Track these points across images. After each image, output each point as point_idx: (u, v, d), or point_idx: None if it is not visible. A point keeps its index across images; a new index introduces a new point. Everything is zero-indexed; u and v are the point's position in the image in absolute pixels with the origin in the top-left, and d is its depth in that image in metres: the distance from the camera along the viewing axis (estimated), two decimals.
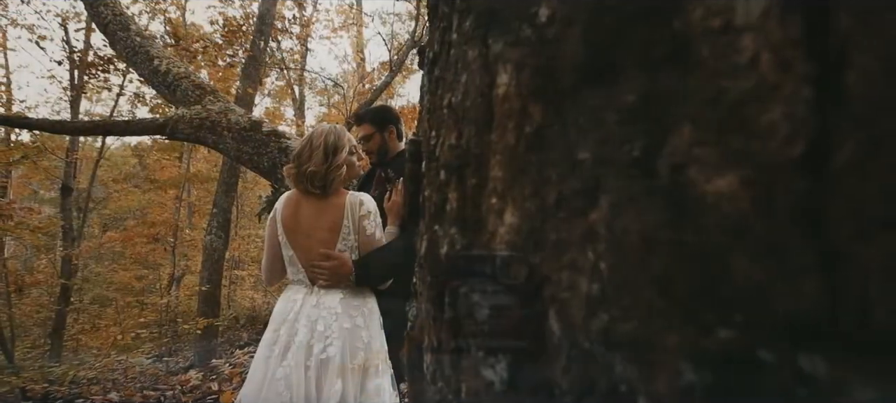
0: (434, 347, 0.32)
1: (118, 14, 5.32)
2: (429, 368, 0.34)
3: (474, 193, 0.28)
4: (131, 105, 11.06)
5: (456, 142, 0.32)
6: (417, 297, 0.44)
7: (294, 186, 1.72)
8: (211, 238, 6.26)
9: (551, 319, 0.22)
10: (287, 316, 1.74)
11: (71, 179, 9.06)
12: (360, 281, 1.74)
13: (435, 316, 0.33)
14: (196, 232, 10.91)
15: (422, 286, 0.38)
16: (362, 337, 1.73)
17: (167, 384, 3.10)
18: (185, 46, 7.79)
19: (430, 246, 0.34)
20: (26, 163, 7.22)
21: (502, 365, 0.24)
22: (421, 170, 0.45)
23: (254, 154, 3.93)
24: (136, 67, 5.04)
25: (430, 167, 0.39)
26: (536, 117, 0.23)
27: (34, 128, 5.16)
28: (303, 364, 1.65)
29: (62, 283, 7.73)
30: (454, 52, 0.33)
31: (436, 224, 0.34)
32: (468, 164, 0.29)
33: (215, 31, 8.81)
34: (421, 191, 0.45)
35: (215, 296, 6.16)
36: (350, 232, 1.76)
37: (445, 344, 0.30)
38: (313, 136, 1.72)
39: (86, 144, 12.79)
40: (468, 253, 0.28)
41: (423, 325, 0.36)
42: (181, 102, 4.43)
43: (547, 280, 0.22)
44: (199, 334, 5.32)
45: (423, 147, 0.42)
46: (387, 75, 6.74)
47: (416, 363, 0.42)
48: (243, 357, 3.51)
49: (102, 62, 7.36)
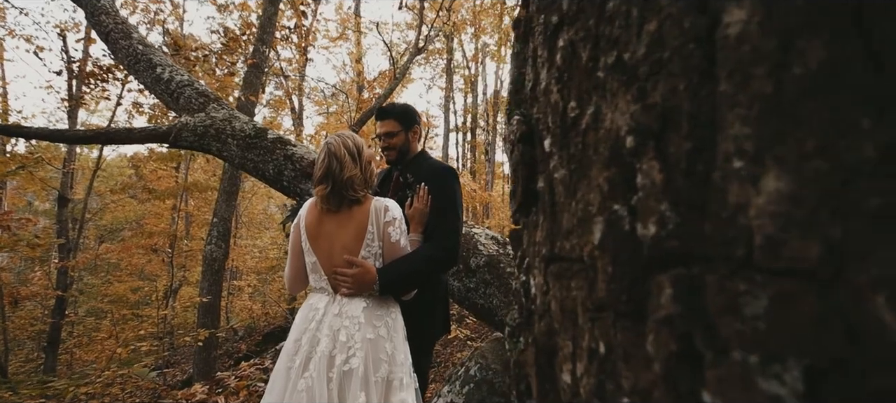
0: (624, 356, 0.27)
1: (120, 22, 5.28)
2: (605, 392, 0.28)
3: (690, 159, 0.23)
4: (129, 116, 11.00)
5: (645, 104, 0.27)
6: (529, 308, 0.39)
7: (327, 205, 1.66)
8: (211, 247, 6.16)
9: (878, 309, 0.17)
10: (308, 325, 1.69)
11: (67, 190, 8.93)
12: (383, 290, 1.69)
13: (628, 318, 0.27)
14: (194, 243, 10.77)
15: (582, 286, 0.32)
16: (386, 349, 1.67)
17: (172, 398, 3.00)
18: (184, 56, 7.75)
19: (610, 229, 0.29)
20: (23, 173, 7.11)
21: (794, 374, 0.18)
22: (535, 153, 0.40)
23: (259, 161, 3.88)
24: (137, 76, 4.98)
25: (572, 142, 0.34)
26: (814, 55, 0.18)
27: (34, 137, 5.07)
28: (325, 376, 1.59)
29: (58, 295, 7.57)
30: (615, 3, 0.28)
31: (615, 203, 0.29)
32: (674, 126, 0.24)
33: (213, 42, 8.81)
34: (538, 176, 0.39)
35: (215, 307, 6.05)
36: (374, 238, 1.71)
37: (661, 351, 0.24)
38: (332, 149, 1.67)
39: (82, 155, 12.68)
40: (693, 231, 0.23)
41: (578, 339, 0.30)
42: (185, 110, 4.38)
43: (857, 258, 0.17)
44: (200, 345, 5.20)
45: (547, 123, 0.37)
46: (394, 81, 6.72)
47: (531, 392, 0.36)
48: (249, 370, 3.43)
49: (101, 72, 7.30)
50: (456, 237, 1.91)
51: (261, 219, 15.47)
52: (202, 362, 5.65)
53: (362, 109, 9.49)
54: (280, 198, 16.13)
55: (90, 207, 10.55)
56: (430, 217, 1.88)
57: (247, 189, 12.45)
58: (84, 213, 9.30)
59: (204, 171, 12.74)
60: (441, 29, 9.47)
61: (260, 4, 9.10)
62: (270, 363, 3.84)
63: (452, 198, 1.93)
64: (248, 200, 13.35)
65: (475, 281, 3.00)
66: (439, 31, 9.26)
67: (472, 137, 16.51)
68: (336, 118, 13.55)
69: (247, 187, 12.36)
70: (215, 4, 9.85)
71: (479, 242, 3.10)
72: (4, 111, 9.94)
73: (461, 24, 12.35)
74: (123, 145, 8.47)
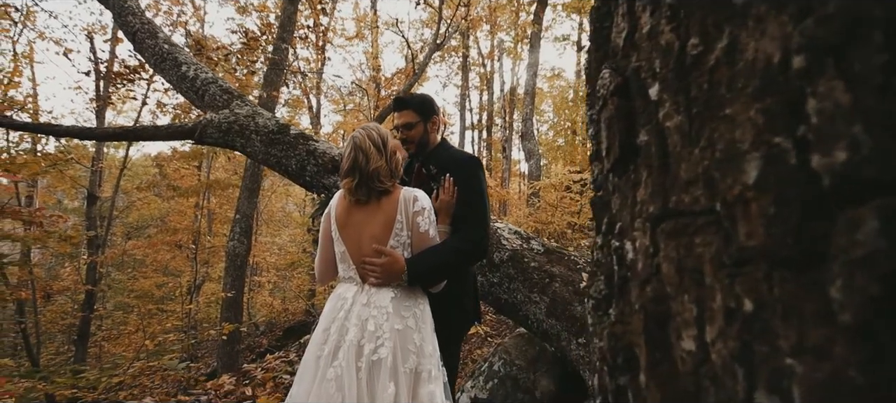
0: (783, 313, 0.23)
1: (146, 23, 5.39)
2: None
3: (886, 73, 0.19)
4: (153, 116, 11.27)
5: (819, 16, 0.23)
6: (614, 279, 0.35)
7: (355, 196, 1.65)
8: (234, 243, 6.25)
9: None
10: (337, 315, 1.68)
11: (96, 188, 9.19)
12: (412, 281, 1.66)
13: (790, 268, 0.23)
14: (216, 239, 10.98)
15: (711, 241, 0.28)
16: (414, 340, 1.65)
17: (202, 389, 3.06)
18: (206, 56, 7.89)
19: (771, 166, 0.25)
20: (53, 171, 7.33)
21: None
22: (634, 106, 0.37)
23: (282, 156, 3.90)
24: (164, 74, 5.07)
25: (694, 83, 0.30)
26: None
27: (65, 135, 5.22)
28: (354, 365, 1.58)
29: (87, 289, 7.80)
30: None
31: (776, 135, 0.26)
32: (861, 38, 0.21)
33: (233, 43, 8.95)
34: (638, 129, 0.36)
35: (238, 302, 6.14)
36: (403, 228, 1.69)
37: (855, 298, 0.20)
38: (357, 142, 1.67)
39: (108, 154, 13.04)
40: (892, 156, 0.19)
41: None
42: (209, 107, 4.44)
43: None
44: (223, 339, 5.28)
45: (653, 69, 0.34)
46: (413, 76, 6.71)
47: (631, 365, 0.33)
48: (274, 363, 3.47)
49: (128, 71, 7.49)
50: (485, 229, 1.87)
51: (279, 217, 15.69)
52: (226, 355, 5.74)
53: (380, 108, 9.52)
54: (298, 196, 16.34)
55: (117, 205, 10.84)
56: (456, 208, 1.85)
57: (266, 187, 12.62)
58: (112, 211, 9.56)
59: (224, 170, 12.97)
60: (458, 26, 9.43)
61: (278, 4, 9.22)
62: (295, 356, 3.87)
63: (479, 189, 1.90)
64: (267, 198, 13.56)
65: (499, 276, 2.96)
66: (456, 27, 9.22)
67: (488, 135, 16.43)
68: (353, 116, 13.65)
69: (266, 185, 12.53)
70: (236, 5, 10.01)
71: (503, 237, 3.07)
72: (35, 111, 10.27)
73: (477, 20, 12.28)
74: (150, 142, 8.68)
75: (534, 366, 3.09)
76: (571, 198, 7.75)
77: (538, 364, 3.07)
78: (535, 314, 2.79)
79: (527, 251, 2.99)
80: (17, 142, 8.11)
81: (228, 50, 8.80)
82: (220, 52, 8.75)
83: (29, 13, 9.72)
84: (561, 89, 16.67)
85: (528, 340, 3.23)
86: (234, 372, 3.35)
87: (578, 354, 2.60)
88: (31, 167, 4.90)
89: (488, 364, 3.24)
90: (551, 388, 3.00)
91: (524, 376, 3.06)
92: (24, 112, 8.86)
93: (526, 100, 9.78)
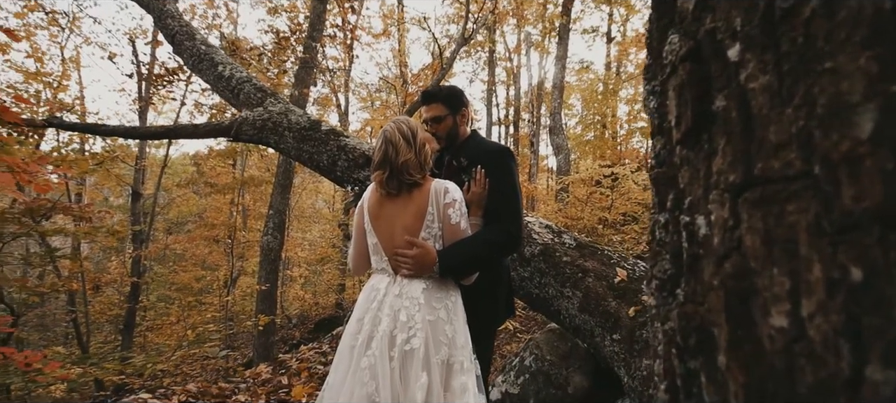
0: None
1: (184, 25, 5.60)
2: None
3: None
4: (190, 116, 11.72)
5: None
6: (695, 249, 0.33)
7: (387, 189, 1.67)
8: (268, 238, 6.43)
9: None
10: (370, 305, 1.70)
11: (139, 185, 9.65)
12: (444, 273, 1.66)
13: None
14: (250, 234, 11.35)
15: (807, 208, 0.26)
16: (446, 332, 1.66)
17: (241, 377, 3.17)
18: (240, 57, 8.14)
19: (890, 117, 0.23)
20: (100, 170, 7.74)
21: None
22: (708, 70, 0.35)
23: (314, 152, 3.97)
24: (201, 74, 5.26)
25: (786, 38, 0.28)
26: None
27: (111, 134, 5.49)
28: (387, 355, 1.59)
29: (133, 282, 8.21)
30: None
31: (894, 84, 0.23)
32: None
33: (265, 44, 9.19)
34: (714, 94, 0.34)
35: (272, 295, 6.32)
36: (434, 219, 1.69)
37: None
38: (387, 135, 1.69)
39: (150, 154, 13.66)
40: None
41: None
42: (244, 105, 4.57)
43: None
44: (259, 330, 5.46)
45: (733, 28, 0.32)
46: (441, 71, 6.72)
47: (706, 347, 0.31)
48: (308, 353, 3.55)
49: (168, 73, 7.81)
50: (518, 220, 1.85)
51: (309, 213, 16.05)
52: (261, 346, 5.93)
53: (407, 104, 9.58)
54: (327, 193, 16.66)
55: (158, 201, 11.36)
56: (488, 200, 1.83)
57: (296, 184, 12.93)
58: (154, 207, 10.02)
59: (258, 167, 13.36)
60: (485, 20, 9.36)
61: (307, 4, 9.40)
62: (327, 347, 3.95)
63: (511, 180, 1.87)
64: (297, 195, 13.88)
65: (530, 271, 2.93)
66: (483, 22, 9.16)
67: (515, 130, 16.27)
68: (380, 112, 13.78)
69: (296, 182, 12.84)
70: (267, 6, 10.26)
71: (534, 231, 3.03)
72: (83, 113, 10.86)
73: (503, 14, 12.14)
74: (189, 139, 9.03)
75: (566, 362, 3.04)
76: (602, 193, 7.57)
77: (570, 359, 3.02)
78: (568, 309, 2.74)
79: (558, 245, 2.94)
80: (66, 142, 8.59)
81: (261, 50, 9.05)
82: (253, 53, 9.01)
83: (75, 19, 10.27)
84: (590, 82, 16.30)
85: (559, 335, 3.18)
86: (271, 362, 3.45)
87: (613, 350, 2.54)
88: (80, 165, 5.18)
89: (519, 359, 3.21)
90: (584, 385, 2.94)
91: (556, 372, 3.02)
92: (72, 113, 9.39)
93: (554, 94, 9.62)
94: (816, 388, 0.26)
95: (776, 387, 0.28)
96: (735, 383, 0.31)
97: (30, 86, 9.03)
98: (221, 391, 2.71)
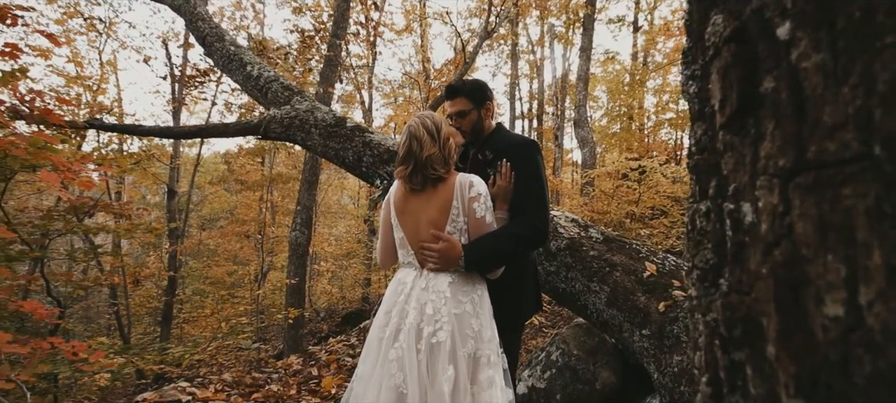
0: None
1: (214, 27, 5.77)
2: None
3: None
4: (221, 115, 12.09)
5: None
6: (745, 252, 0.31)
7: (411, 184, 1.68)
8: (296, 233, 6.58)
9: None
10: (397, 299, 1.72)
11: (174, 183, 10.04)
12: (469, 267, 1.66)
13: None
14: (279, 230, 11.65)
15: (866, 190, 0.25)
16: (472, 326, 1.66)
17: (273, 367, 3.28)
18: (267, 56, 8.34)
19: None
20: (137, 169, 8.09)
21: None
22: (756, 51, 0.34)
23: (339, 148, 4.03)
24: (231, 74, 5.41)
25: (842, 14, 0.27)
26: None
27: (147, 134, 5.72)
28: (414, 347, 1.61)
29: (170, 276, 8.57)
30: None
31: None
32: None
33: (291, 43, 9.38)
34: (762, 76, 0.33)
35: (301, 289, 6.47)
36: (459, 213, 1.70)
37: None
38: (412, 130, 1.69)
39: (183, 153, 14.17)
40: None
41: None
42: (272, 103, 4.68)
43: None
44: (289, 323, 5.60)
45: (783, 5, 0.30)
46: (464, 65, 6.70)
47: (753, 340, 0.29)
48: (337, 345, 3.63)
49: (199, 74, 8.07)
50: (544, 214, 1.82)
51: (335, 209, 16.34)
52: (291, 339, 6.09)
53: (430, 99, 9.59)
54: (352, 189, 16.90)
55: (192, 199, 11.80)
56: (514, 194, 1.81)
57: (322, 180, 13.17)
58: (188, 204, 10.41)
59: (285, 165, 13.68)
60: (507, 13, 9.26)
61: (332, 3, 9.52)
62: (355, 340, 4.02)
63: (537, 173, 1.84)
64: (323, 191, 14.15)
65: (556, 265, 2.89)
66: (506, 15, 9.07)
67: (539, 124, 16.06)
68: (404, 108, 13.86)
69: (322, 179, 13.08)
70: (292, 6, 10.45)
71: (559, 225, 2.99)
72: (120, 114, 11.35)
73: (526, 6, 11.96)
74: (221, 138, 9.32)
75: (593, 357, 3.00)
76: (629, 187, 7.40)
77: (598, 355, 2.98)
78: (595, 303, 2.70)
79: (585, 239, 2.90)
80: (106, 142, 9.00)
81: (287, 50, 9.23)
82: (279, 52, 9.21)
83: (111, 24, 10.72)
84: (616, 73, 15.91)
85: (586, 330, 3.13)
86: (301, 354, 3.55)
87: (642, 346, 2.49)
88: (120, 163, 5.43)
89: (546, 354, 3.18)
90: (612, 380, 2.90)
91: (583, 367, 2.98)
92: (111, 115, 9.83)
93: (578, 86, 9.44)
94: (875, 379, 0.25)
95: (829, 378, 0.27)
96: (785, 374, 0.30)
97: (71, 89, 9.50)
98: (255, 380, 2.81)
